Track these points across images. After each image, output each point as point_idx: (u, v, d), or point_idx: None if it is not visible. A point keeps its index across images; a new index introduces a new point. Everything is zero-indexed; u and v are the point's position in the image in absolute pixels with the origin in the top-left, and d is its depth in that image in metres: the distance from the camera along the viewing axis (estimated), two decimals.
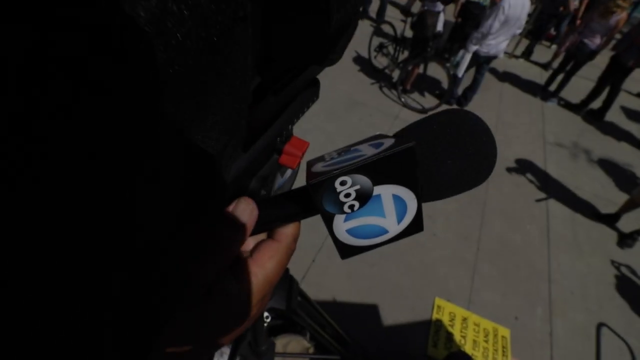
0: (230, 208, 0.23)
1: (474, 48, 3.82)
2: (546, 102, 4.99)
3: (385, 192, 0.23)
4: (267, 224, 0.25)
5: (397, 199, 0.23)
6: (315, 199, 0.22)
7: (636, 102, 5.56)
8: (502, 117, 4.56)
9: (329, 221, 0.23)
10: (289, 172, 0.39)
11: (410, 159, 0.22)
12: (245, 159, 0.26)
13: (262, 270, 0.24)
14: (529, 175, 3.64)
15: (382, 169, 0.22)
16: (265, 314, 0.59)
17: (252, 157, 0.27)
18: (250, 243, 0.26)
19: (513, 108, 4.79)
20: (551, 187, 3.51)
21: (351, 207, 0.23)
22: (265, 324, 0.58)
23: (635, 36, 4.07)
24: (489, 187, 3.41)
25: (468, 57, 3.90)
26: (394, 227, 0.25)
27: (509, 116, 4.60)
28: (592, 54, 4.38)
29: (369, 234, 0.25)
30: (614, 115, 4.96)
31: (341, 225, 0.24)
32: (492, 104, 4.78)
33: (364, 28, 5.90)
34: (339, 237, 0.24)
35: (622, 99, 5.26)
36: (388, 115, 4.20)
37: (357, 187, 0.22)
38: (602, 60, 6.21)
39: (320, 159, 0.27)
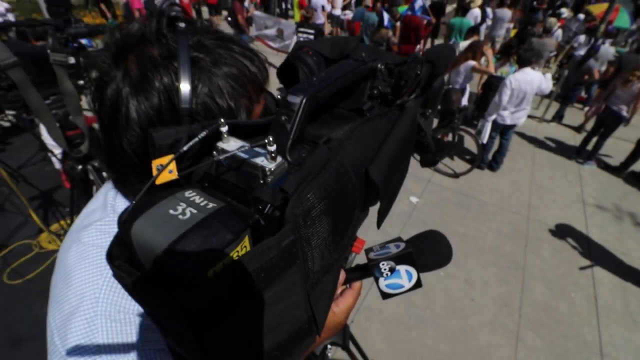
0: None
1: (491, 118, 4.15)
2: (583, 165, 5.00)
3: (402, 268, 0.53)
4: (348, 280, 0.55)
5: (407, 271, 0.53)
6: (371, 270, 0.53)
7: None
8: (537, 180, 4.63)
9: (376, 280, 0.53)
10: (354, 254, 0.70)
11: (411, 257, 0.52)
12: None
13: (344, 301, 0.53)
14: (570, 240, 3.59)
15: (399, 259, 0.52)
16: (328, 345, 0.83)
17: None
18: (339, 289, 0.57)
19: (547, 171, 4.86)
20: (595, 253, 3.42)
21: (386, 274, 0.53)
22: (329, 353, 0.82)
23: None
24: (527, 252, 3.42)
25: (488, 126, 4.21)
26: (407, 285, 0.54)
27: (543, 179, 4.66)
28: (622, 120, 4.48)
29: (395, 287, 0.54)
30: None
31: (382, 282, 0.53)
32: (525, 167, 4.89)
33: None
34: (381, 288, 0.54)
35: None
36: (421, 180, 4.46)
37: (389, 266, 0.52)
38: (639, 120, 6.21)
39: (370, 250, 0.57)
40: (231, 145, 0.31)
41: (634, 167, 4.79)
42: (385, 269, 0.54)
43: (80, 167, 1.56)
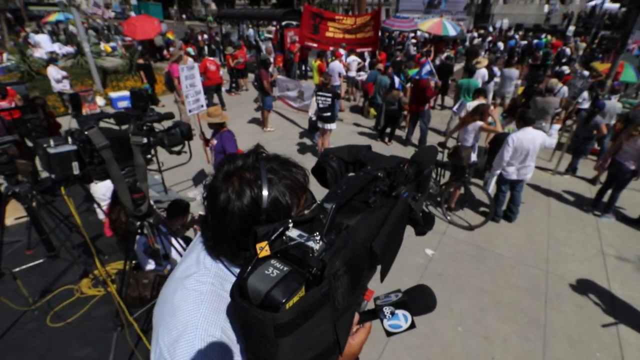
0: None
1: (496, 172, 4.35)
2: (601, 218, 4.99)
3: (400, 312, 0.74)
4: (361, 321, 0.77)
5: (404, 315, 0.74)
6: (377, 314, 0.74)
7: None
8: (554, 233, 4.64)
9: (381, 321, 0.74)
10: (366, 302, 0.91)
11: (406, 303, 0.74)
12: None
13: (358, 336, 0.74)
14: (592, 296, 3.52)
15: (397, 305, 0.74)
16: None
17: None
18: (354, 327, 0.78)
19: (564, 224, 4.87)
20: (620, 310, 3.33)
21: (388, 316, 0.74)
22: None
23: None
24: (547, 308, 3.37)
25: (492, 180, 4.39)
26: (404, 325, 0.74)
27: (560, 233, 4.66)
28: (634, 174, 4.57)
29: (395, 327, 0.75)
30: None
31: (385, 322, 0.74)
32: (541, 220, 4.93)
33: (408, 153, 6.83)
34: (385, 327, 0.75)
35: None
36: (435, 232, 4.56)
37: (390, 310, 0.74)
38: None
39: (377, 298, 0.79)
40: (293, 233, 0.57)
41: None
42: (387, 313, 0.75)
43: (138, 222, 1.86)
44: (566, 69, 9.16)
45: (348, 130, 8.18)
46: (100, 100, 9.04)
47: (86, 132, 1.48)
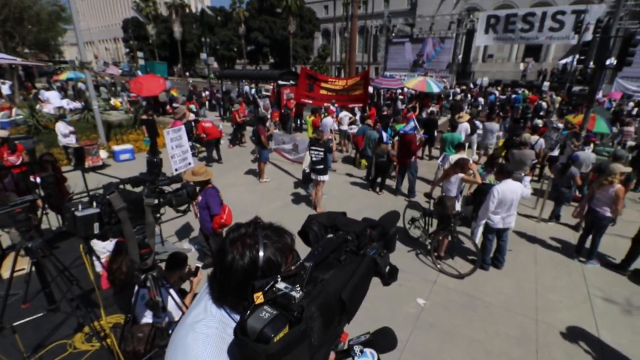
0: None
1: (481, 222, 4.59)
2: (586, 264, 5.15)
3: (367, 350, 0.93)
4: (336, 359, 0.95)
5: (371, 352, 0.93)
6: (349, 351, 0.93)
7: None
8: (541, 280, 4.75)
9: (352, 358, 0.93)
10: (342, 343, 1.09)
11: (372, 343, 0.93)
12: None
13: None
14: (581, 344, 3.57)
15: (365, 344, 0.93)
16: None
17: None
18: None
19: (551, 271, 5.00)
20: (609, 358, 3.36)
21: (358, 354, 0.93)
22: None
23: None
24: (539, 357, 3.40)
25: (479, 229, 4.62)
26: None
27: (547, 279, 4.78)
28: (607, 220, 4.84)
29: None
30: None
31: (356, 359, 0.93)
32: (528, 268, 5.06)
33: (397, 202, 7.12)
34: None
35: None
36: (427, 281, 4.66)
37: (360, 348, 0.93)
38: (635, 216, 6.49)
39: (351, 339, 0.98)
40: (281, 285, 0.79)
41: (636, 264, 4.90)
42: (357, 351, 0.94)
43: (142, 275, 2.03)
44: (540, 122, 9.90)
45: (341, 180, 8.54)
46: (103, 154, 9.44)
47: (108, 197, 1.73)
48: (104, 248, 3.68)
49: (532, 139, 7.80)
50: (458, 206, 4.95)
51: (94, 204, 1.68)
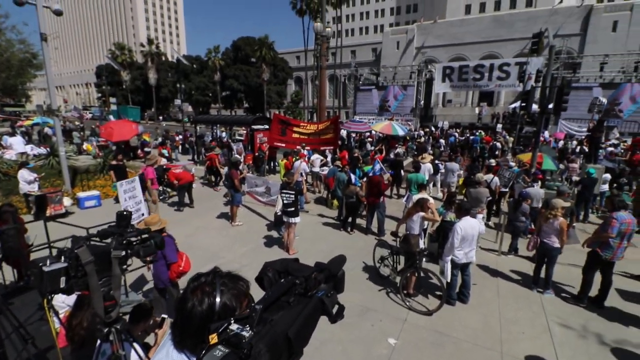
0: None
1: (448, 258, 4.86)
2: (543, 294, 5.46)
3: None
4: None
5: None
6: None
7: (633, 284, 5.86)
8: (504, 313, 4.97)
9: None
10: None
11: None
12: None
13: None
14: None
15: None
16: None
17: None
18: None
19: (512, 303, 5.25)
20: None
21: None
22: None
23: (600, 230, 5.05)
24: None
25: (448, 266, 4.87)
26: None
27: (510, 312, 5.01)
28: (558, 251, 5.28)
29: None
30: (614, 300, 5.27)
31: None
32: (492, 301, 5.29)
33: (368, 241, 7.30)
34: None
35: (618, 282, 5.71)
36: (397, 320, 4.74)
37: None
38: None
39: None
40: (234, 326, 0.94)
41: (591, 292, 5.26)
42: None
43: (106, 329, 2.03)
44: (493, 162, 10.79)
45: (314, 221, 8.69)
46: (67, 201, 9.10)
47: (76, 250, 1.81)
48: (63, 302, 3.53)
49: (487, 177, 8.49)
50: (422, 243, 5.21)
51: (62, 258, 1.75)
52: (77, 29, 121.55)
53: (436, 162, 11.05)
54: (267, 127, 14.10)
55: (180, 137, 19.45)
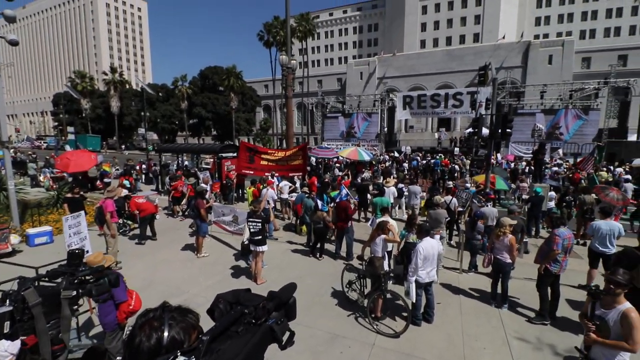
0: None
1: (412, 279, 5.05)
2: (501, 309, 5.77)
3: None
4: None
5: None
6: None
7: (579, 293, 6.34)
8: (467, 330, 5.17)
9: None
10: None
11: None
12: None
13: None
14: None
15: None
16: None
17: None
18: None
19: (474, 319, 5.48)
20: None
21: None
22: None
23: (545, 247, 5.48)
24: None
25: (412, 286, 5.04)
26: None
27: (472, 328, 5.22)
28: (510, 266, 5.66)
29: None
30: (565, 310, 5.67)
31: None
32: (455, 319, 5.49)
33: (338, 266, 7.36)
34: None
35: (568, 293, 6.18)
36: (365, 344, 4.76)
37: None
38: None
39: None
40: (181, 358, 1.00)
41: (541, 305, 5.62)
42: None
43: None
44: (450, 184, 11.49)
45: (283, 248, 8.65)
46: (14, 239, 8.38)
47: (22, 293, 1.77)
48: (5, 351, 3.24)
49: (446, 198, 9.01)
50: (387, 265, 5.38)
51: (7, 301, 1.70)
52: (33, 57, 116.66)
53: (400, 185, 11.55)
54: (235, 155, 14.10)
55: (144, 166, 18.82)
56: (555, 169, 17.33)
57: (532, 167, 17.52)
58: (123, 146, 53.53)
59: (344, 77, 57.55)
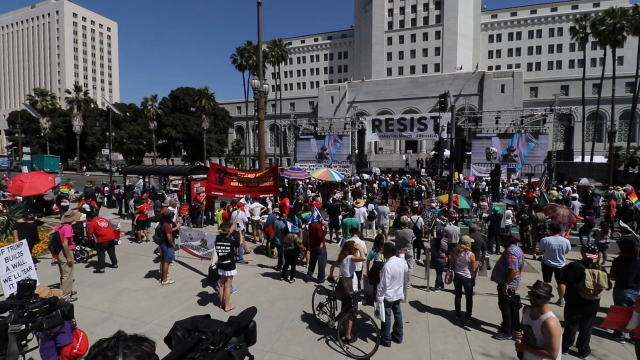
0: None
1: (381, 298, 5.15)
2: (465, 325, 5.97)
3: None
4: None
5: None
6: None
7: None
8: (434, 347, 5.29)
9: None
10: None
11: None
12: None
13: None
14: None
15: None
16: None
17: None
18: None
19: (441, 337, 5.62)
20: None
21: None
22: None
23: (501, 266, 5.79)
24: None
25: (381, 306, 5.14)
26: None
27: (439, 345, 5.35)
28: (469, 282, 5.93)
29: None
30: None
31: None
32: (423, 337, 5.61)
33: (309, 289, 7.31)
34: None
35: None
36: None
37: None
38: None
39: None
40: None
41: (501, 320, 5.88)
42: None
43: None
44: (416, 204, 11.96)
45: (253, 272, 8.48)
46: None
47: None
48: None
49: (413, 217, 9.35)
50: (356, 286, 5.45)
51: None
52: None
53: (370, 206, 11.85)
54: (204, 176, 13.85)
55: (107, 188, 17.90)
56: (512, 188, 18.55)
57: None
58: (84, 167, 50.66)
59: (315, 100, 59.13)
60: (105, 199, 17.76)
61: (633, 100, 33.92)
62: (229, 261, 6.18)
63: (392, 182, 20.71)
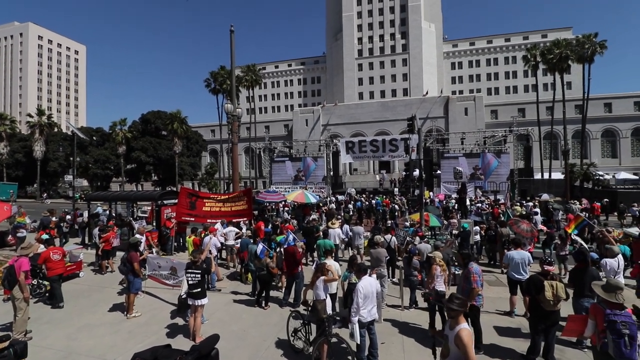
0: None
1: (355, 319, 5.17)
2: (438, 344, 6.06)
3: None
4: None
5: None
6: None
7: (504, 320, 6.97)
8: None
9: None
10: None
11: None
12: None
13: None
14: None
15: None
16: None
17: None
18: None
19: (417, 357, 5.62)
20: None
21: None
22: None
23: (465, 285, 6.00)
24: None
25: (356, 327, 5.14)
26: None
27: None
28: (441, 294, 6.11)
29: None
30: (492, 337, 6.16)
31: None
32: (397, 357, 5.62)
33: (284, 315, 7.17)
34: None
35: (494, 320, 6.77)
36: None
37: None
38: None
39: None
40: None
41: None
42: None
43: None
44: (389, 222, 12.25)
45: (225, 300, 8.21)
46: None
47: None
48: None
49: (386, 237, 9.54)
50: (329, 308, 5.44)
51: None
52: None
53: (345, 226, 11.97)
54: (176, 201, 13.48)
55: (69, 217, 16.89)
56: (479, 205, 19.42)
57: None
58: (45, 194, 47.54)
59: (290, 123, 60.00)
60: (69, 228, 16.72)
61: (582, 121, 37.15)
62: (199, 289, 5.99)
63: (367, 203, 21.08)
